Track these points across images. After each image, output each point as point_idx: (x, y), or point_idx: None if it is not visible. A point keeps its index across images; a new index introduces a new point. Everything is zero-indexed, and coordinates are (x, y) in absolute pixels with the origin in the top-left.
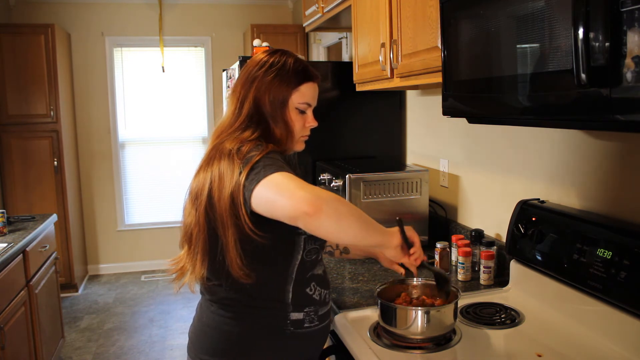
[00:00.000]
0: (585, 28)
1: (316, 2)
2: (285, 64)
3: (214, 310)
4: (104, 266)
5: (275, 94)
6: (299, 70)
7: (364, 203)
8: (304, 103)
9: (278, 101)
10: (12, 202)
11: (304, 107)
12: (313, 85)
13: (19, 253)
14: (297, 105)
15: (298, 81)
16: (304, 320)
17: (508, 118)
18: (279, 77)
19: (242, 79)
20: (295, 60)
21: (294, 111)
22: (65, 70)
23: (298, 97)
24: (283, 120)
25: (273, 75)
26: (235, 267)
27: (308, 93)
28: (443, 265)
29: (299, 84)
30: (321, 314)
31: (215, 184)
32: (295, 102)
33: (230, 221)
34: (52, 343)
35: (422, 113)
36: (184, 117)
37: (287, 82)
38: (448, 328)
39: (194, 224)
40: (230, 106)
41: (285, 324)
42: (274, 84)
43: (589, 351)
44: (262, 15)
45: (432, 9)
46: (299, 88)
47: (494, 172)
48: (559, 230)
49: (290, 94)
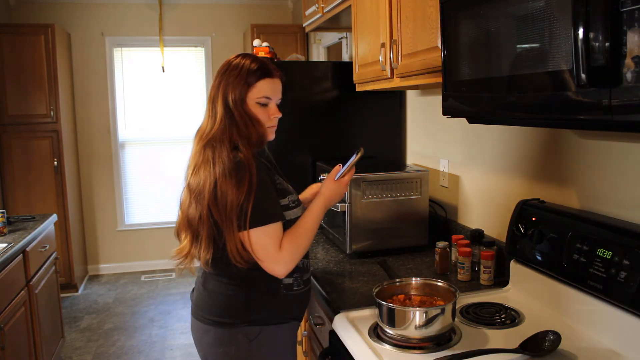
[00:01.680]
0: (585, 28)
1: (316, 2)
2: (243, 65)
3: (219, 280)
4: (104, 266)
5: (234, 93)
6: (254, 70)
7: (364, 203)
8: (263, 97)
9: (238, 99)
10: (12, 202)
11: (263, 100)
12: (271, 81)
13: (19, 253)
14: (257, 100)
15: (254, 79)
16: (293, 284)
17: (508, 118)
18: (238, 78)
19: (213, 84)
20: (252, 60)
21: (254, 106)
22: (65, 70)
23: (255, 93)
24: (247, 114)
25: (233, 76)
26: (236, 256)
27: (265, 88)
28: (443, 265)
29: (255, 81)
30: (305, 279)
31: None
32: (253, 97)
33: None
34: (52, 343)
35: (422, 113)
36: (184, 117)
37: (243, 80)
38: (447, 328)
39: (197, 217)
40: (207, 109)
41: (279, 287)
42: (234, 83)
43: (589, 351)
44: (262, 15)
45: (432, 9)
46: (255, 85)
47: (494, 172)
48: (559, 230)
49: (247, 90)
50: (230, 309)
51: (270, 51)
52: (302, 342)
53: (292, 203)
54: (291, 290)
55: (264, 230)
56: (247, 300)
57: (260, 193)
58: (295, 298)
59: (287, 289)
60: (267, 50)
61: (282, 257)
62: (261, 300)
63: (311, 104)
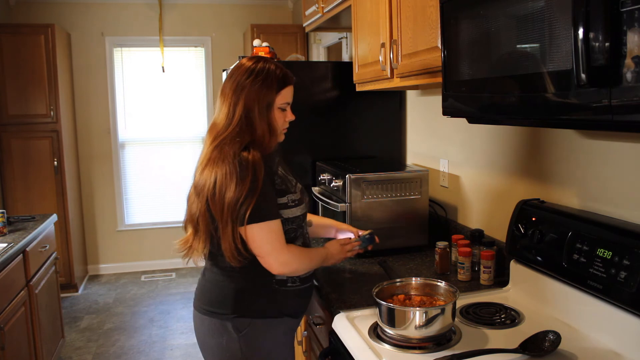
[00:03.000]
0: (585, 28)
1: (316, 2)
2: (269, 72)
3: (215, 271)
4: (104, 266)
5: (262, 100)
6: (280, 77)
7: (364, 203)
8: (285, 103)
9: (265, 105)
10: (12, 202)
11: (285, 106)
12: (291, 88)
13: (19, 253)
14: (280, 106)
15: (280, 86)
16: (287, 280)
17: (508, 118)
18: (265, 85)
19: (232, 85)
20: (276, 67)
21: (277, 111)
22: (65, 70)
23: (280, 99)
24: (268, 120)
25: (260, 84)
26: (229, 255)
27: (288, 94)
28: (443, 265)
29: (280, 89)
30: (303, 277)
31: (218, 188)
32: (278, 103)
33: (229, 220)
34: (52, 343)
35: (422, 113)
36: (184, 117)
37: (271, 88)
38: (447, 328)
39: (199, 213)
40: (222, 109)
41: (271, 282)
42: (261, 91)
43: (589, 351)
44: (262, 15)
45: (432, 9)
46: (280, 92)
47: (494, 172)
48: (559, 230)
49: (274, 98)
50: (221, 299)
51: (270, 51)
52: (302, 342)
53: (291, 202)
54: (284, 286)
55: (267, 225)
56: (236, 291)
57: (262, 194)
58: (289, 294)
59: (280, 284)
60: (267, 50)
61: (286, 254)
62: (251, 292)
63: (311, 104)
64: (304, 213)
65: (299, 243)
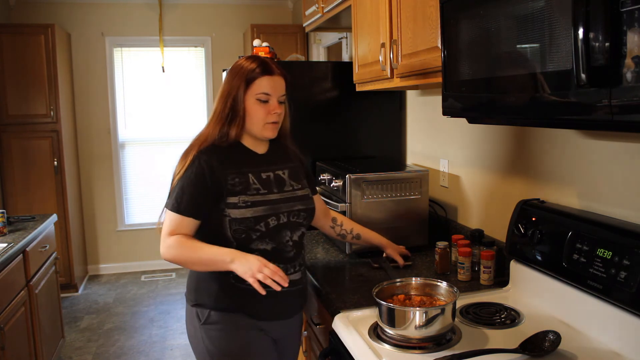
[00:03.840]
0: (585, 28)
1: (316, 2)
2: (242, 65)
3: None
4: (104, 266)
5: (236, 91)
6: (252, 69)
7: (364, 203)
8: (262, 93)
9: (239, 96)
10: (12, 202)
11: (263, 97)
12: (269, 78)
13: (19, 253)
14: (257, 96)
15: (252, 77)
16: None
17: (508, 118)
18: (236, 78)
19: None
20: (253, 61)
21: (254, 102)
22: (65, 70)
23: (255, 90)
24: (245, 110)
25: (231, 77)
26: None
27: (263, 85)
28: (443, 265)
29: (253, 80)
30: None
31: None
32: (253, 93)
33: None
34: (52, 343)
35: (422, 113)
36: (184, 117)
37: (241, 79)
38: (446, 328)
39: None
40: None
41: (228, 276)
42: (232, 83)
43: (589, 351)
44: (262, 15)
45: (432, 9)
46: (254, 82)
47: (494, 172)
48: (559, 231)
49: (247, 88)
50: (191, 287)
51: (270, 51)
52: (302, 343)
53: (242, 203)
54: (242, 282)
55: (169, 213)
56: (197, 280)
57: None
58: (248, 292)
59: (237, 280)
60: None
61: (164, 242)
62: (208, 282)
63: (311, 104)
64: (259, 215)
65: (262, 247)
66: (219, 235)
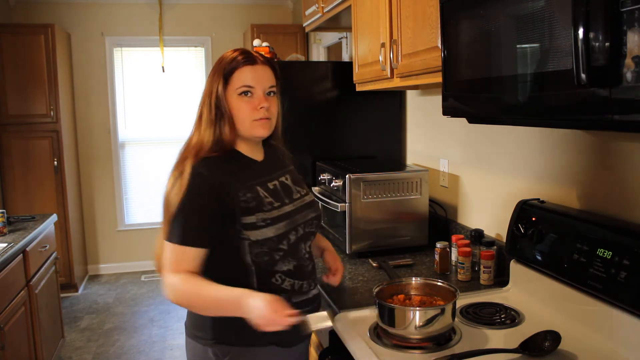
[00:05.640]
0: (585, 28)
1: (316, 2)
2: (222, 60)
3: None
4: (104, 266)
5: (216, 87)
6: (230, 61)
7: (364, 203)
8: (243, 86)
9: (219, 91)
10: (12, 202)
11: (244, 89)
12: (251, 68)
13: (19, 253)
14: (238, 90)
15: (230, 70)
16: None
17: (508, 118)
18: (216, 72)
19: None
20: (233, 52)
21: (236, 98)
22: (65, 70)
23: (235, 83)
24: (228, 106)
25: (215, 74)
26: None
27: (244, 76)
28: (443, 265)
29: (232, 72)
30: (295, 301)
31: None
32: (233, 88)
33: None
34: (52, 343)
35: (422, 113)
36: (184, 117)
37: (221, 73)
38: (446, 328)
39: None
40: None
41: None
42: (214, 80)
43: (589, 351)
44: (262, 15)
45: (432, 9)
46: (233, 75)
47: (494, 172)
48: (559, 230)
49: (226, 82)
50: (199, 323)
51: (270, 51)
52: None
53: (261, 222)
54: None
55: (170, 246)
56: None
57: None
58: None
59: None
60: (267, 50)
61: (168, 283)
62: (227, 317)
63: (311, 104)
64: (281, 233)
65: (286, 267)
66: (234, 261)
